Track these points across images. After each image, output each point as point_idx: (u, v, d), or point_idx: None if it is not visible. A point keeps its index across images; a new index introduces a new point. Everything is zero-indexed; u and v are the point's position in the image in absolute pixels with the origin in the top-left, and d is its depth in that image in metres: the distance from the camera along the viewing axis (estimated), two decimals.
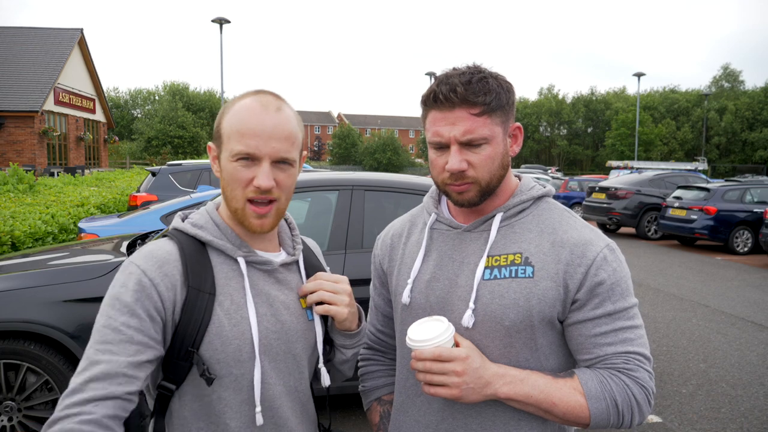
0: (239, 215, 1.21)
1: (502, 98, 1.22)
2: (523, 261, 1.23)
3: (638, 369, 1.20)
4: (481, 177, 1.23)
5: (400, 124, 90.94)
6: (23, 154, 25.08)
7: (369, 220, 3.95)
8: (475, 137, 1.20)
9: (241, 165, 1.17)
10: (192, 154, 42.76)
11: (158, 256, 1.17)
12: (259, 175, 1.17)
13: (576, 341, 1.24)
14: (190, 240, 1.22)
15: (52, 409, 3.40)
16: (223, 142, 1.20)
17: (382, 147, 55.34)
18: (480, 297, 1.23)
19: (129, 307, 1.10)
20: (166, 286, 1.13)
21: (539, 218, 1.29)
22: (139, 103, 61.48)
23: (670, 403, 4.53)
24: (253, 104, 1.19)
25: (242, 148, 1.16)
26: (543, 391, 1.19)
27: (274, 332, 1.22)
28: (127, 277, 1.13)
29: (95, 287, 3.41)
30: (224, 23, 25.19)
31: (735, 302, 7.96)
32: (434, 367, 1.16)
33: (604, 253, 1.23)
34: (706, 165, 36.30)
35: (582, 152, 63.64)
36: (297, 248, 1.35)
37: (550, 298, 1.21)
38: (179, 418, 1.19)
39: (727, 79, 61.31)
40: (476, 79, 1.20)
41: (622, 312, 1.22)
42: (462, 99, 1.18)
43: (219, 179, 1.25)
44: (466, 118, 1.19)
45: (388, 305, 1.49)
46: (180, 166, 10.59)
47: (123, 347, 1.07)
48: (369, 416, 1.53)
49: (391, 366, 1.53)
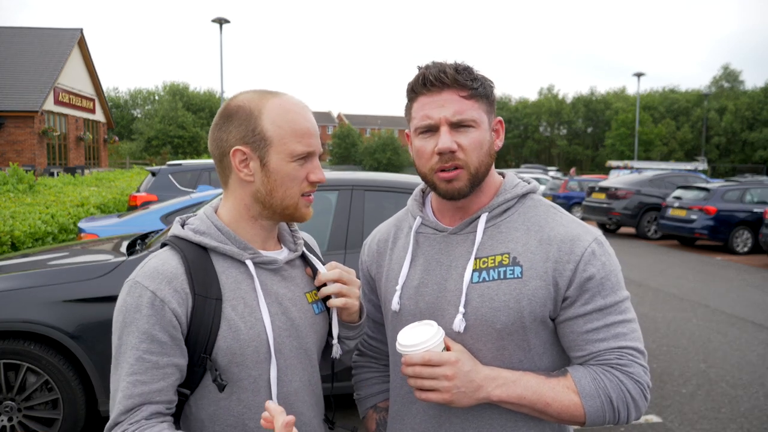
0: (290, 210, 1.25)
1: (487, 88, 1.25)
2: (511, 261, 1.22)
3: (632, 364, 1.19)
4: (470, 161, 1.22)
5: (400, 124, 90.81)
6: (23, 154, 25.06)
7: (369, 220, 3.95)
8: (465, 118, 1.21)
9: (298, 164, 1.22)
10: (192, 154, 42.74)
11: (165, 272, 1.16)
12: (316, 171, 1.24)
13: (568, 338, 1.23)
14: (191, 247, 1.21)
15: (52, 409, 3.40)
16: (274, 143, 1.20)
17: (382, 147, 55.39)
18: (470, 301, 1.22)
19: (148, 334, 1.11)
20: (177, 302, 1.14)
21: (525, 216, 1.28)
22: (139, 103, 61.44)
23: (670, 403, 4.53)
24: (293, 106, 1.23)
25: (304, 148, 1.21)
26: (536, 391, 1.18)
27: (285, 329, 1.24)
28: (138, 301, 1.13)
29: (95, 287, 3.41)
30: (224, 23, 25.19)
31: (735, 302, 7.96)
32: (424, 372, 1.15)
33: (593, 248, 1.22)
34: (706, 165, 36.32)
35: (582, 152, 63.63)
36: (298, 243, 1.36)
37: (541, 298, 1.20)
38: (196, 421, 1.20)
39: (727, 79, 61.32)
40: (462, 66, 1.23)
41: (613, 306, 1.21)
42: (452, 80, 1.20)
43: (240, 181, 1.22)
44: (456, 100, 1.21)
45: (378, 311, 1.48)
46: (180, 166, 10.58)
47: (151, 374, 1.11)
48: (365, 424, 1.52)
49: (384, 372, 1.52)
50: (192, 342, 1.15)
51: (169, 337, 1.12)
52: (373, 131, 78.96)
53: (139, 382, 1.10)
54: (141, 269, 1.18)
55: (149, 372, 1.10)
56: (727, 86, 61.01)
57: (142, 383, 1.10)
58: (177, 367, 1.14)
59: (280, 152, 1.20)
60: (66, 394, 3.37)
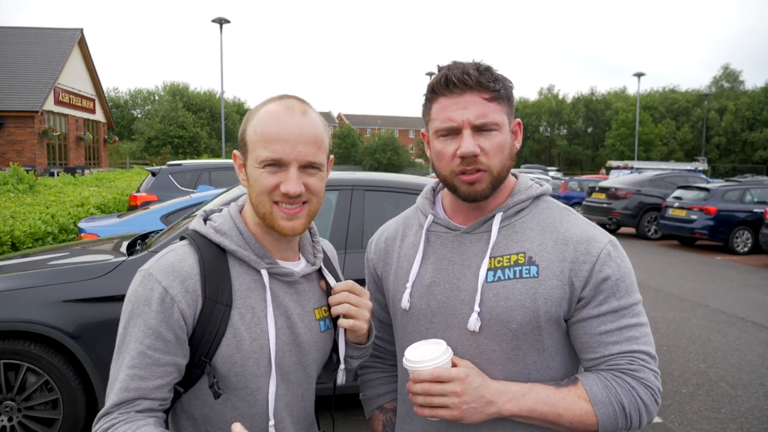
0: (268, 220, 1.18)
1: (508, 89, 1.23)
2: (527, 261, 1.21)
3: (643, 369, 1.19)
4: (492, 165, 1.21)
5: (400, 124, 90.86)
6: (23, 154, 25.07)
7: (369, 220, 3.95)
8: (488, 122, 1.19)
9: (268, 171, 1.15)
10: (192, 154, 42.70)
11: (180, 270, 1.14)
12: (287, 181, 1.14)
13: (581, 340, 1.22)
14: (210, 245, 1.20)
15: (52, 409, 3.40)
16: (249, 149, 1.18)
17: (382, 147, 55.36)
18: (485, 300, 1.21)
19: (153, 329, 1.11)
20: (187, 303, 1.13)
21: (539, 217, 1.27)
22: (139, 103, 61.42)
23: (670, 403, 4.53)
24: (278, 109, 1.17)
25: (269, 154, 1.14)
26: (547, 403, 1.17)
27: (287, 344, 1.22)
28: (149, 294, 1.12)
29: (95, 287, 3.41)
30: (224, 23, 25.19)
31: (735, 302, 7.96)
32: (433, 389, 1.14)
33: (608, 249, 1.21)
34: (706, 165, 36.33)
35: (582, 152, 63.61)
36: (318, 256, 1.32)
37: (556, 298, 1.19)
38: (188, 419, 1.20)
39: (727, 79, 61.32)
40: (483, 67, 1.21)
41: (627, 309, 1.20)
42: (476, 82, 1.18)
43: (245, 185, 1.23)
44: (479, 103, 1.18)
45: (384, 310, 1.46)
46: (180, 166, 10.57)
47: (151, 370, 1.10)
48: (372, 425, 1.50)
49: (390, 372, 1.50)
50: (195, 343, 1.15)
51: (174, 336, 1.12)
52: (373, 131, 78.95)
53: (138, 377, 1.09)
54: (157, 261, 1.16)
55: (149, 368, 1.10)
56: (727, 86, 61.01)
57: (141, 378, 1.10)
58: (177, 367, 1.14)
59: (252, 158, 1.17)
60: (66, 394, 3.37)
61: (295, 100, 1.20)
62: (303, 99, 1.22)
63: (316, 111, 1.22)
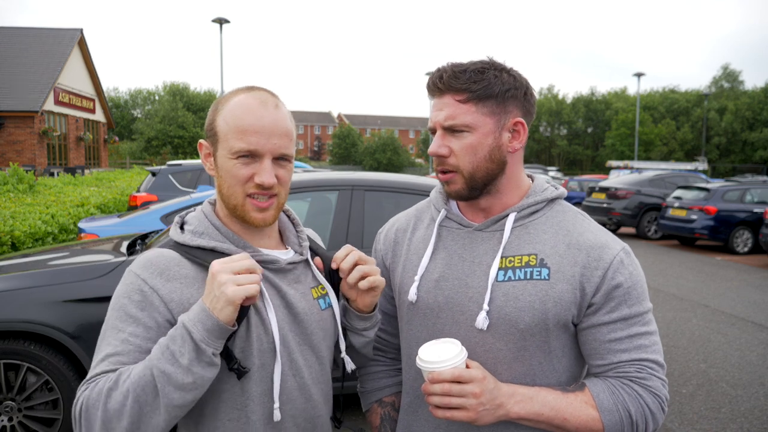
0: (239, 211, 1.20)
1: (495, 89, 1.20)
2: (538, 262, 1.21)
3: (651, 377, 1.19)
4: (462, 166, 1.22)
5: (400, 124, 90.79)
6: (23, 154, 25.07)
7: (369, 220, 3.95)
8: (457, 123, 1.20)
9: (241, 162, 1.17)
10: (192, 154, 42.69)
11: (157, 263, 1.17)
12: (261, 173, 1.17)
13: (590, 346, 1.22)
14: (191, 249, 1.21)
15: (52, 409, 3.40)
16: (220, 139, 1.19)
17: (382, 147, 55.32)
18: (494, 299, 1.20)
19: (134, 318, 1.12)
20: (168, 290, 1.14)
21: (553, 220, 1.27)
22: (139, 103, 61.41)
23: (670, 403, 4.53)
24: (250, 101, 1.18)
25: (244, 145, 1.16)
26: (553, 407, 1.17)
27: (288, 324, 1.22)
28: (129, 288, 1.15)
29: (95, 287, 3.41)
30: (224, 23, 25.20)
31: (735, 302, 7.96)
32: (454, 389, 1.12)
33: (621, 257, 1.21)
34: (706, 165, 36.33)
35: (582, 152, 63.59)
36: (303, 245, 1.33)
37: (566, 301, 1.19)
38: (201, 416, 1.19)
39: (727, 79, 61.28)
40: (473, 69, 1.21)
41: (638, 317, 1.20)
42: (446, 86, 1.21)
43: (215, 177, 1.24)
44: (451, 104, 1.21)
45: (389, 302, 1.45)
46: (180, 166, 10.57)
47: (134, 356, 1.10)
48: (369, 418, 1.49)
49: (392, 366, 1.49)
50: None
51: (155, 323, 1.12)
52: (373, 131, 78.87)
53: (121, 363, 1.10)
54: (137, 260, 1.20)
55: (132, 354, 1.10)
56: (727, 86, 60.95)
57: (120, 363, 1.10)
58: None
59: (224, 148, 1.19)
60: (66, 394, 3.37)
61: (266, 93, 1.22)
62: (272, 91, 1.25)
63: (284, 104, 1.25)
